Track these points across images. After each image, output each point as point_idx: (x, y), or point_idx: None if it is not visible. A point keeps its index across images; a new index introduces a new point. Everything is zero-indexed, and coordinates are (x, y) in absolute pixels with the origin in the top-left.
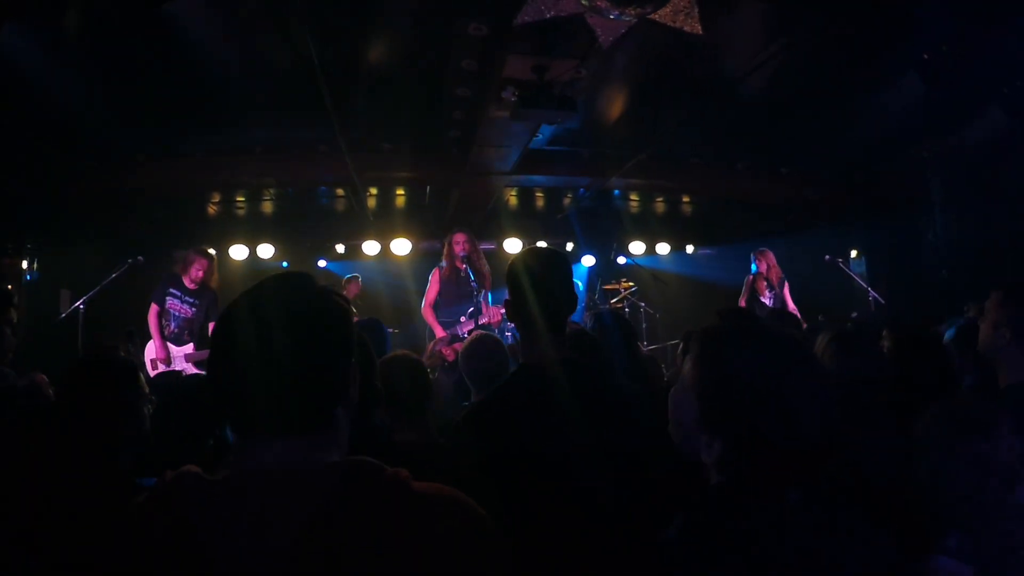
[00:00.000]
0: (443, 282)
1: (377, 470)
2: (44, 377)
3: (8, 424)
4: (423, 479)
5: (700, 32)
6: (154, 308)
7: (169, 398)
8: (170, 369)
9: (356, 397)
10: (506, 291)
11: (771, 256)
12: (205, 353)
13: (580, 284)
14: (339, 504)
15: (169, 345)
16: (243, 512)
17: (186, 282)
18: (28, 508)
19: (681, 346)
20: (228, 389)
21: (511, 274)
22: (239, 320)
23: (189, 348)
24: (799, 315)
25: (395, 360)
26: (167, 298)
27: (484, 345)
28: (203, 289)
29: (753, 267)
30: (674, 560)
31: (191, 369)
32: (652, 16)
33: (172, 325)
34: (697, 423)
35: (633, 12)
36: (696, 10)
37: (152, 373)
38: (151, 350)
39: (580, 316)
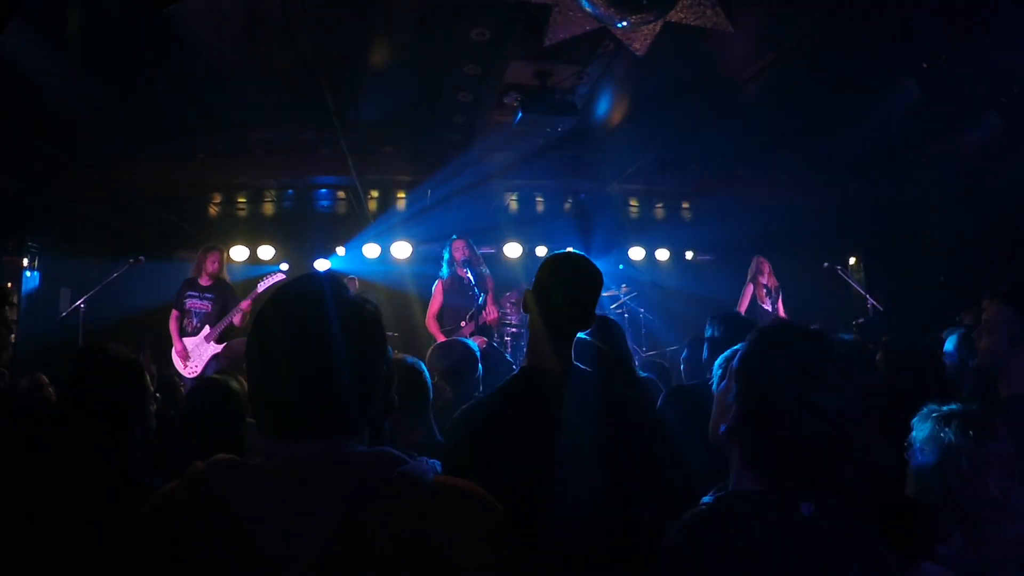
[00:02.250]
0: (446, 292)
1: (399, 459)
2: (44, 377)
3: (9, 424)
4: None
5: (729, 27)
6: (174, 313)
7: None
8: (193, 365)
9: (381, 406)
10: (505, 294)
11: (768, 264)
12: (222, 325)
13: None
14: (370, 490)
15: (189, 338)
16: (280, 496)
17: (202, 281)
18: (36, 508)
19: (685, 352)
20: (262, 393)
21: (536, 272)
22: (269, 328)
23: (206, 331)
24: None
25: (394, 363)
26: (186, 301)
27: (441, 347)
28: (217, 284)
29: (750, 275)
30: (675, 568)
31: (215, 347)
32: (672, 19)
33: (195, 321)
34: (732, 420)
35: (636, 19)
36: (718, 4)
37: (183, 370)
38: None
39: None
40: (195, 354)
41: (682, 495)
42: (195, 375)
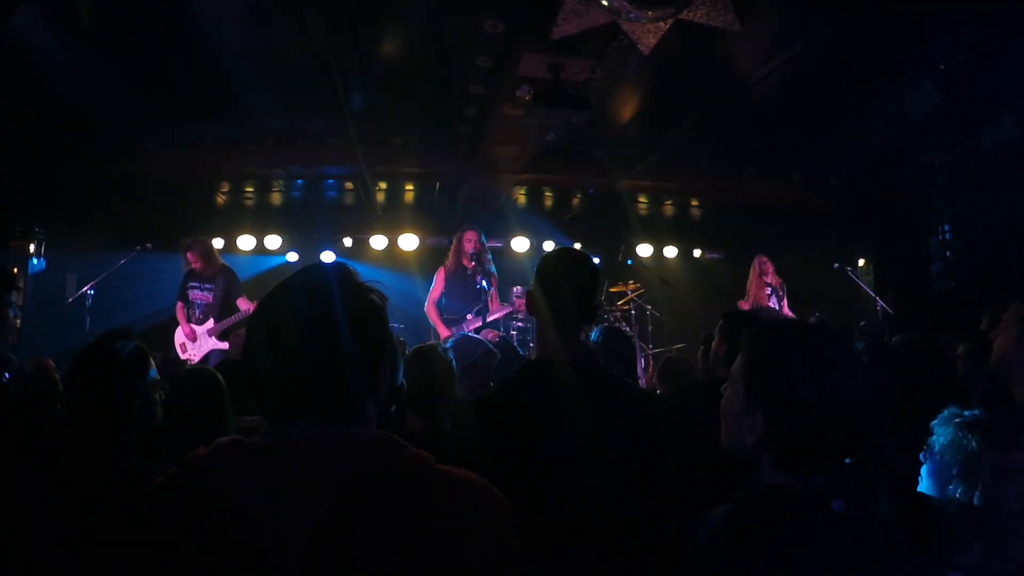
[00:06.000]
0: (448, 280)
1: (402, 445)
2: (51, 362)
3: (16, 408)
4: None
5: (737, 26)
6: (180, 305)
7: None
8: (192, 354)
9: (384, 392)
10: (511, 289)
11: (771, 264)
12: (227, 323)
13: None
14: (371, 470)
15: (194, 326)
16: (278, 477)
17: (202, 272)
18: (40, 494)
19: (702, 348)
20: (259, 378)
21: (536, 270)
22: (275, 312)
23: (210, 324)
24: None
25: (408, 352)
26: (189, 292)
27: (469, 340)
28: (216, 272)
29: (753, 275)
30: (708, 562)
31: (215, 342)
32: (684, 17)
33: (197, 312)
34: (742, 410)
35: (653, 14)
36: (730, 2)
37: (182, 356)
38: (180, 335)
39: None
40: (196, 344)
41: (689, 488)
42: (193, 363)
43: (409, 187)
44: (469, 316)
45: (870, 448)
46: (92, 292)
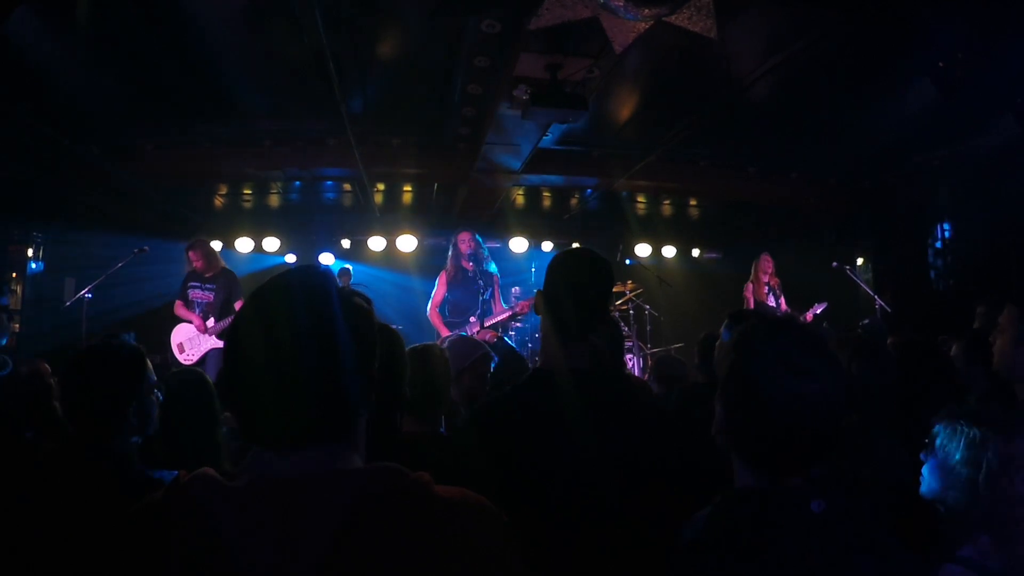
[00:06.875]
0: (450, 284)
1: (399, 475)
2: (46, 365)
3: (10, 412)
4: (425, 470)
5: (715, 34)
6: (178, 303)
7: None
8: (190, 354)
9: (374, 401)
10: (511, 290)
11: (772, 263)
12: (227, 323)
13: None
14: (366, 511)
15: (191, 326)
16: (269, 521)
17: (203, 272)
18: (33, 499)
19: (697, 350)
20: (241, 400)
21: (546, 273)
22: (252, 326)
23: (210, 323)
24: None
25: (407, 354)
26: (189, 291)
27: (466, 342)
28: (220, 274)
29: (754, 272)
30: (689, 565)
31: (214, 341)
32: (668, 19)
33: (197, 311)
34: (719, 422)
35: (648, 12)
36: (712, 9)
37: (179, 356)
38: (177, 334)
39: None
40: (194, 343)
41: (696, 501)
42: (190, 363)
43: (407, 188)
44: (472, 319)
45: (863, 447)
46: (90, 295)
